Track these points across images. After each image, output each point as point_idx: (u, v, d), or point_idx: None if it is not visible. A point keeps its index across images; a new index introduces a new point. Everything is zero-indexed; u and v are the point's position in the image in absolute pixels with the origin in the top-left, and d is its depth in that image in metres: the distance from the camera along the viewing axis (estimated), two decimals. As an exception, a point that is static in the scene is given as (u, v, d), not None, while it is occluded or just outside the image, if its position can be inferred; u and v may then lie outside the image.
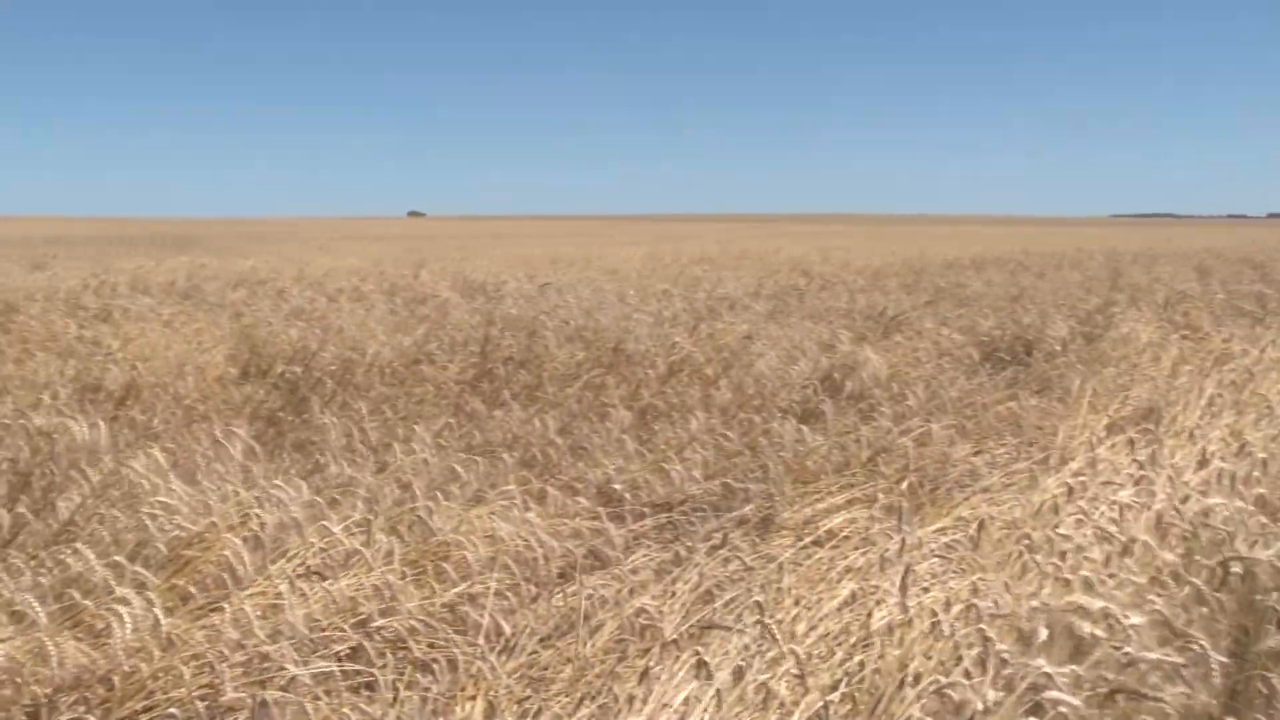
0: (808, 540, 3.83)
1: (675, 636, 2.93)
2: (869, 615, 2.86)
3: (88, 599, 2.85)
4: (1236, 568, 2.90)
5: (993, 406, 6.03)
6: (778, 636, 2.65)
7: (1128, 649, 2.49)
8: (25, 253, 22.36)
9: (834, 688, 2.58)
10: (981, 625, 2.58)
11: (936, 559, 3.33)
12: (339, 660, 2.85)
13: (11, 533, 3.65)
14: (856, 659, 2.67)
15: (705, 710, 2.43)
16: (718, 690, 2.45)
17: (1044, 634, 2.62)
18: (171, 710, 2.56)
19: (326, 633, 2.95)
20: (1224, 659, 2.59)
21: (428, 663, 2.92)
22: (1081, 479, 3.72)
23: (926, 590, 2.99)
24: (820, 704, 2.47)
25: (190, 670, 2.67)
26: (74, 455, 4.43)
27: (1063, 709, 2.28)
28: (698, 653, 2.57)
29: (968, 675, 2.46)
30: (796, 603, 3.14)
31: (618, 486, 4.55)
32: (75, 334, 8.08)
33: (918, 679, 2.48)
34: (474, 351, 7.34)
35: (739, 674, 2.55)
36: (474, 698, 2.81)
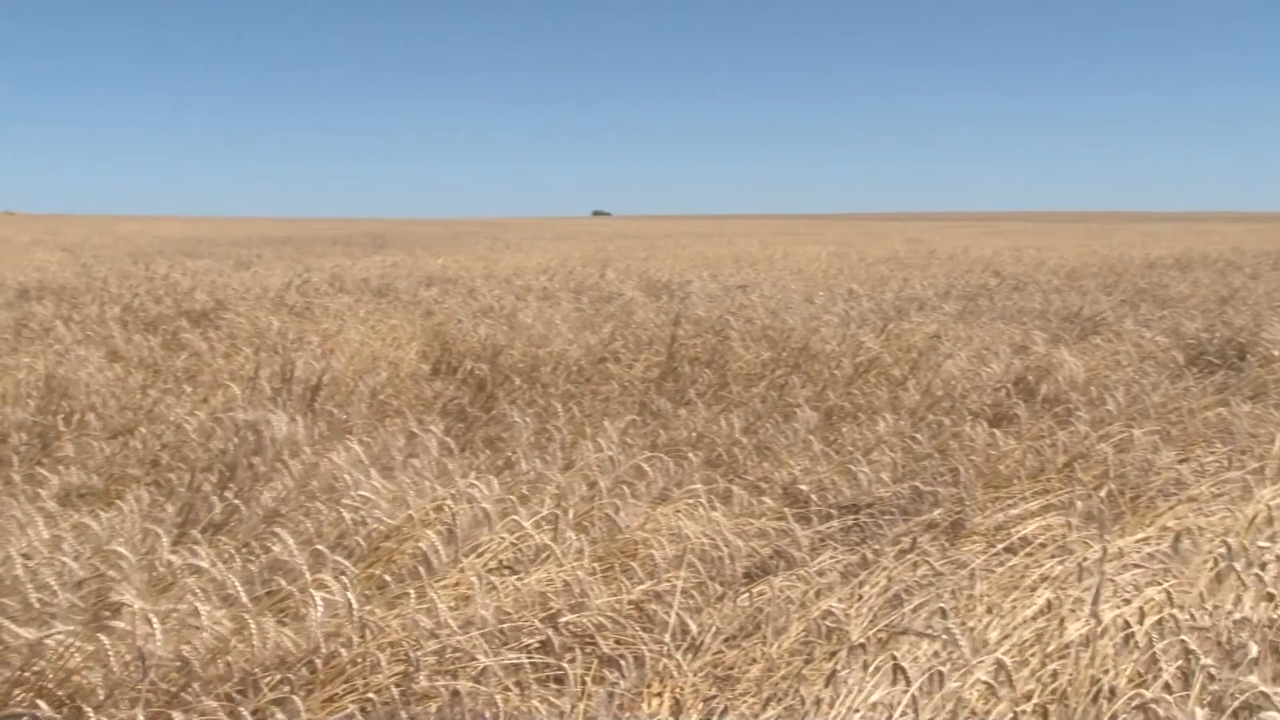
0: (1000, 546, 3.73)
1: (862, 640, 2.88)
2: (1062, 624, 2.76)
3: (291, 585, 2.97)
4: None
5: (1200, 412, 5.73)
6: (966, 643, 2.58)
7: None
8: (232, 252, 23.47)
9: (1027, 698, 2.50)
10: (1183, 637, 2.46)
11: (1138, 569, 3.20)
12: (528, 653, 2.90)
13: (222, 518, 3.84)
14: (1050, 669, 2.58)
15: (896, 716, 2.38)
16: (912, 696, 2.40)
17: (1254, 650, 2.48)
18: (369, 695, 2.64)
19: (516, 626, 3.00)
20: None
21: (614, 658, 2.94)
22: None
23: (1127, 602, 2.87)
24: (1010, 715, 2.40)
25: (386, 657, 2.75)
26: (277, 447, 4.61)
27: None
28: (893, 657, 2.52)
29: (1168, 689, 2.35)
30: (989, 610, 3.06)
31: (804, 487, 4.51)
32: (278, 330, 8.43)
33: (1114, 692, 2.39)
34: (659, 350, 7.38)
35: (929, 680, 2.49)
36: (660, 695, 2.82)
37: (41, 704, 2.33)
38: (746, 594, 3.38)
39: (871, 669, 2.60)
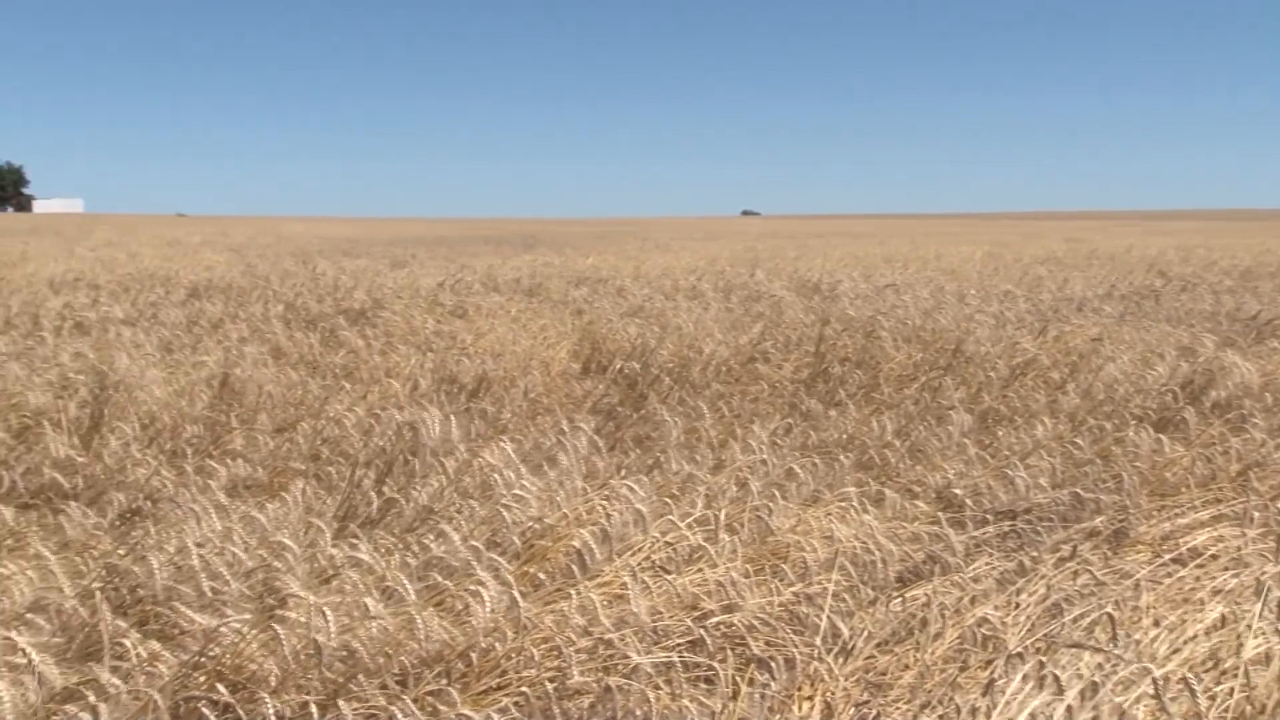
0: (1167, 557, 3.59)
1: (1020, 649, 2.81)
2: (1239, 641, 2.64)
3: (448, 581, 3.03)
4: None
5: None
6: (1132, 656, 2.49)
7: None
8: (388, 252, 24.07)
9: (1198, 717, 2.40)
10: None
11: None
12: (679, 652, 2.90)
13: (380, 513, 3.94)
14: (1226, 687, 2.48)
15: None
16: (1068, 708, 2.33)
17: None
18: (523, 689, 2.68)
19: (668, 625, 3.00)
20: None
21: (765, 660, 2.93)
22: None
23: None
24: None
25: (540, 652, 2.79)
26: (433, 445, 4.71)
27: None
28: (1051, 668, 2.45)
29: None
30: (1156, 623, 2.95)
31: (958, 491, 4.42)
32: (433, 328, 8.61)
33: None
34: (809, 351, 7.32)
35: (1090, 693, 2.41)
36: (811, 698, 2.79)
37: (220, 688, 2.42)
38: (899, 599, 3.33)
39: (1030, 679, 2.53)
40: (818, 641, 2.97)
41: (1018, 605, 3.23)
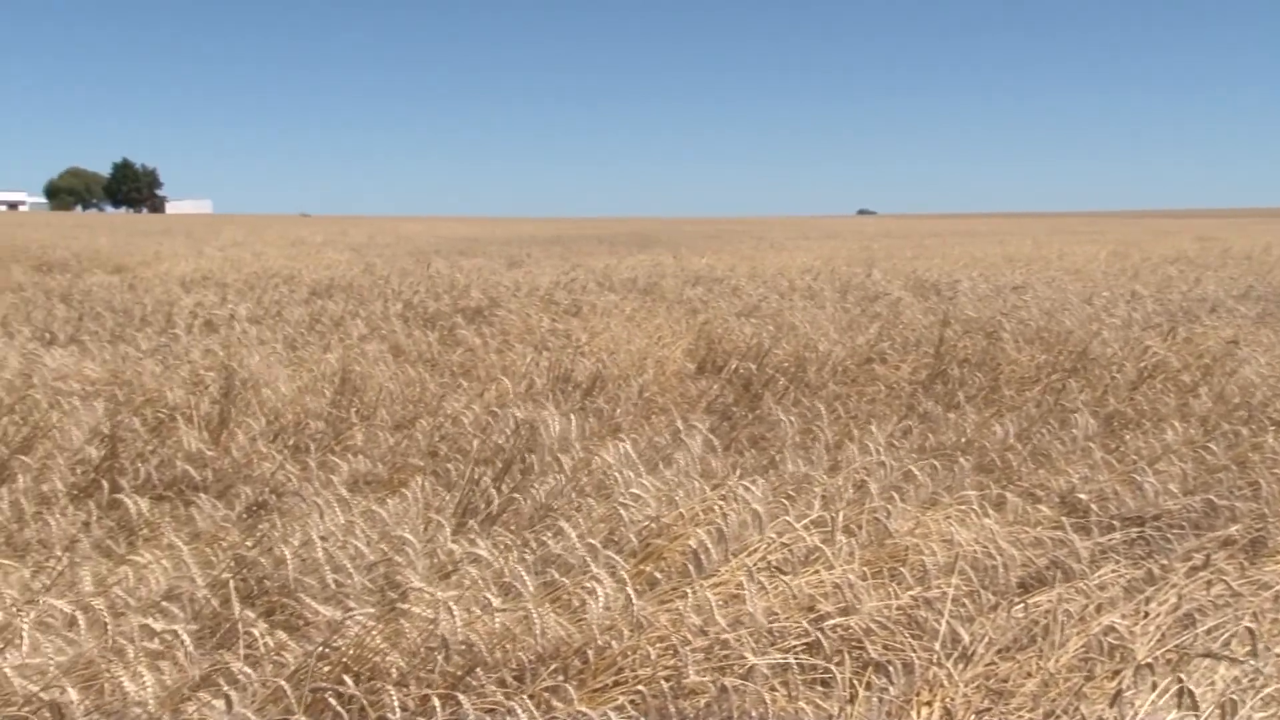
0: (1311, 569, 3.45)
1: (1150, 660, 2.72)
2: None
3: (564, 578, 3.04)
4: None
5: None
6: (1270, 671, 2.40)
7: None
8: (504, 251, 24.37)
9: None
10: None
11: None
12: (795, 654, 2.87)
13: (498, 510, 3.98)
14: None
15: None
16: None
17: None
18: (639, 687, 2.67)
19: (784, 626, 2.97)
20: None
21: (883, 664, 2.88)
22: None
23: None
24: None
25: (656, 651, 2.78)
26: (551, 443, 4.74)
27: None
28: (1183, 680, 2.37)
29: None
30: (1297, 636, 2.83)
31: (1083, 496, 4.31)
32: (548, 327, 8.69)
33: None
34: (927, 352, 7.22)
35: (1230, 710, 2.32)
36: (930, 704, 2.74)
37: (347, 679, 2.47)
38: (1021, 605, 3.25)
39: (1160, 691, 2.45)
40: (937, 646, 2.92)
41: (1147, 614, 3.13)
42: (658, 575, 3.22)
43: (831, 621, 3.03)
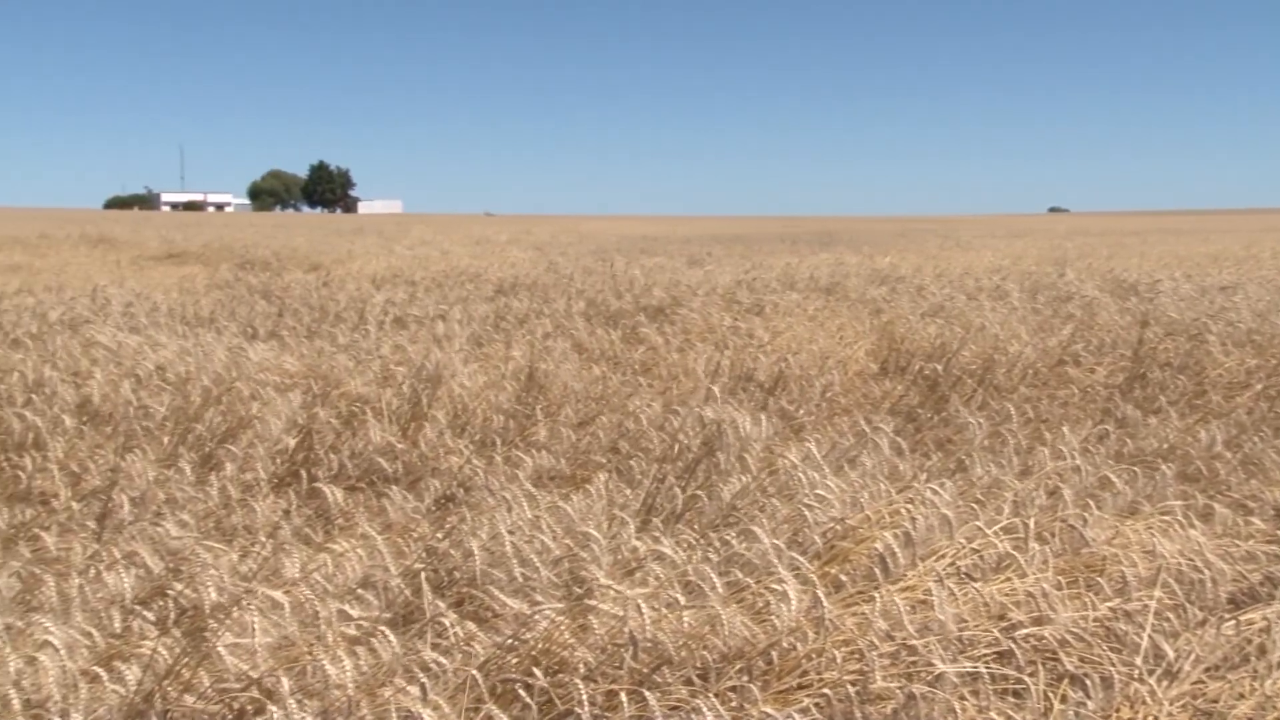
0: None
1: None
2: None
3: (749, 578, 3.02)
4: None
5: None
6: None
7: None
8: (685, 250, 24.47)
9: None
10: None
11: None
12: (985, 663, 2.79)
13: (681, 508, 3.98)
14: None
15: None
16: None
17: None
18: (824, 691, 2.63)
19: (974, 634, 2.89)
20: None
21: (1079, 677, 2.77)
22: None
23: None
24: None
25: (841, 655, 2.74)
26: (740, 443, 4.72)
27: None
28: None
29: None
30: None
31: (1300, 509, 4.07)
32: (729, 325, 8.67)
33: None
34: (1124, 354, 6.94)
35: None
36: (1130, 721, 2.62)
37: (536, 672, 2.51)
38: (1233, 621, 3.08)
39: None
40: (1138, 661, 2.80)
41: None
42: (843, 578, 3.17)
43: (1024, 631, 2.93)
